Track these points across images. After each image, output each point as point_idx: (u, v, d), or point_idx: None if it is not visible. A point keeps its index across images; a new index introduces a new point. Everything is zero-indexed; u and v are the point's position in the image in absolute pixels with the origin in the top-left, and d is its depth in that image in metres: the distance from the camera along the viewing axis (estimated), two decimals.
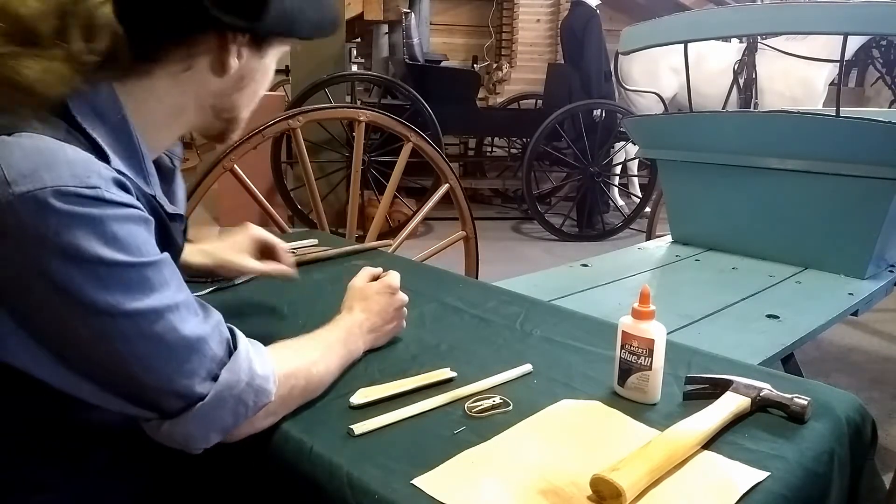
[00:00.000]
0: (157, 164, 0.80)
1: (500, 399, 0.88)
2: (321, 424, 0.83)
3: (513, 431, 0.82)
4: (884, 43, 5.10)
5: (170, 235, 0.79)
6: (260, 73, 0.79)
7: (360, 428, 0.80)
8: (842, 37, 2.19)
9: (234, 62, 0.73)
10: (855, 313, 2.03)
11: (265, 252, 1.18)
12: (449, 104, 4.80)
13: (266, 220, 2.17)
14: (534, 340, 1.11)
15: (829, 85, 4.67)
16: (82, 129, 0.67)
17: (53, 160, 0.62)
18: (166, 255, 0.70)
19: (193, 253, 1.08)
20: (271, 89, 5.85)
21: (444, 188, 2.30)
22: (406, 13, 5.20)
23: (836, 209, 2.17)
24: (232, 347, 0.74)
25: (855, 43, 4.32)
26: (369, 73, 5.52)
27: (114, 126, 0.69)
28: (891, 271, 2.27)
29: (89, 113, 0.68)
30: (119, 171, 0.67)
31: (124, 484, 0.82)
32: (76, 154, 0.64)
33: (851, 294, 2.02)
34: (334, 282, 1.28)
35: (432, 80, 5.05)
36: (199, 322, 0.71)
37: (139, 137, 0.72)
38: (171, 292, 0.68)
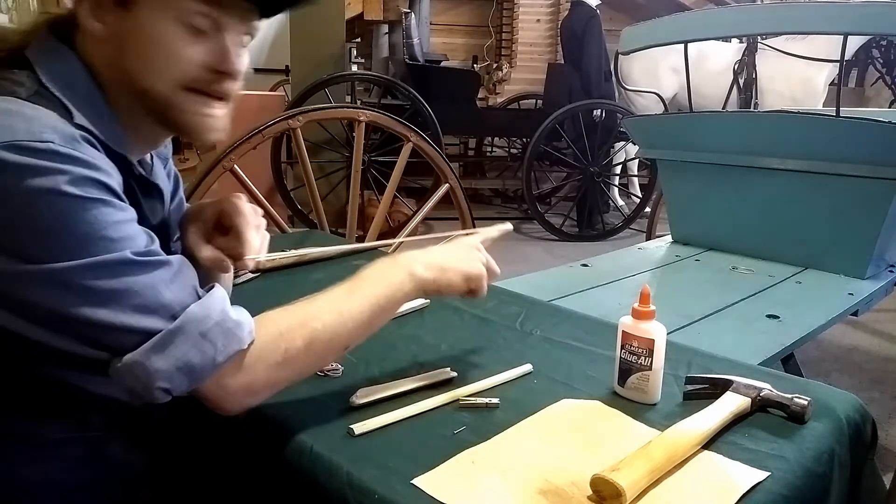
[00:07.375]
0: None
1: (494, 400, 0.88)
2: (321, 424, 0.83)
3: (513, 431, 0.82)
4: (884, 43, 5.10)
5: (147, 197, 0.81)
6: (137, 33, 0.73)
7: (360, 428, 0.80)
8: (842, 37, 2.19)
9: (96, 24, 0.73)
10: (855, 313, 2.03)
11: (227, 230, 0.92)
12: (449, 104, 4.80)
13: (266, 221, 2.17)
14: (534, 340, 1.11)
15: (829, 85, 4.66)
16: (48, 91, 0.70)
17: (9, 118, 0.65)
18: (123, 205, 0.70)
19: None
20: (271, 89, 5.88)
21: (444, 188, 2.30)
22: (406, 13, 5.20)
23: (836, 209, 2.17)
24: (200, 294, 0.72)
25: (855, 43, 4.31)
26: (369, 73, 5.51)
27: (83, 93, 0.73)
28: (891, 271, 2.27)
29: (55, 78, 0.71)
30: (82, 127, 0.70)
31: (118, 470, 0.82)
32: (35, 111, 0.67)
33: (851, 294, 2.02)
34: (334, 282, 1.28)
35: (432, 80, 5.04)
36: (160, 270, 0.69)
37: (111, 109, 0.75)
38: (127, 242, 0.67)
